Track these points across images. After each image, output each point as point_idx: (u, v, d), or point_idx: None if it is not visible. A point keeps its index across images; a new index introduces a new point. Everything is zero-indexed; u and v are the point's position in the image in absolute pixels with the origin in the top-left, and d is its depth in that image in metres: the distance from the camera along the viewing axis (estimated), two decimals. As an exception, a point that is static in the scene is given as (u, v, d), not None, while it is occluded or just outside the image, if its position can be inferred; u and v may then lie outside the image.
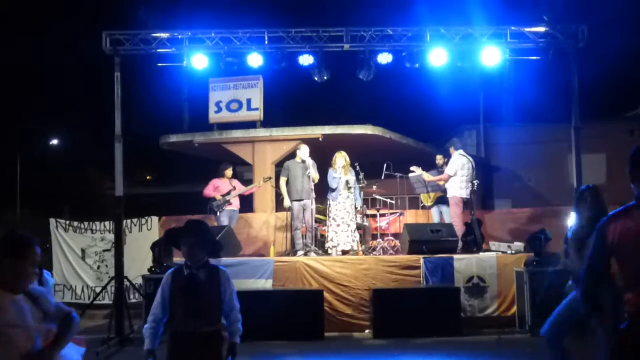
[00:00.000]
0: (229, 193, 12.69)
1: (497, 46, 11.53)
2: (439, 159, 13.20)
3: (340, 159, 12.20)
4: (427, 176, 12.75)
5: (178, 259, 11.14)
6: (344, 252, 11.86)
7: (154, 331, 4.67)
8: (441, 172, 12.67)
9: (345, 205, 12.03)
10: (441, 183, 12.49)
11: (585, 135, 11.66)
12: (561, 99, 13.46)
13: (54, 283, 13.35)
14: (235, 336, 4.67)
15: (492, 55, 11.57)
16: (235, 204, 12.98)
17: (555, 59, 11.69)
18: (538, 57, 11.84)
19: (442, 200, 12.73)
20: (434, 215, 12.99)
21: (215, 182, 12.91)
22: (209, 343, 4.59)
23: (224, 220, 12.45)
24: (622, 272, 3.59)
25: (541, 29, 11.48)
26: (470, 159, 12.59)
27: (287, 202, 12.32)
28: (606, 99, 20.43)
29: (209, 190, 12.81)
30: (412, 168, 12.95)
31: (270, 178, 13.61)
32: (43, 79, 29.26)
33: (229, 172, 13.06)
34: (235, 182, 13.12)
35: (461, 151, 12.64)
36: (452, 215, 12.22)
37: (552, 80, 16.51)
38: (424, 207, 13.88)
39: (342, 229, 11.96)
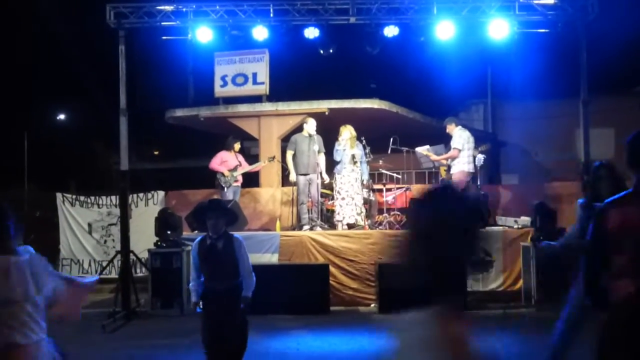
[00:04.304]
0: (235, 168, 12.58)
1: (505, 19, 11.40)
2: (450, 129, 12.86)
3: (346, 132, 12.12)
4: (435, 157, 12.60)
5: (187, 233, 11.20)
6: (349, 226, 11.84)
7: (196, 288, 5.89)
8: (448, 148, 12.57)
9: (349, 178, 11.95)
10: (448, 161, 12.35)
11: (593, 109, 11.56)
12: (570, 73, 13.31)
13: (62, 257, 13.44)
14: (248, 290, 5.81)
15: (500, 28, 11.45)
16: (240, 179, 12.89)
17: (564, 32, 11.56)
18: (547, 30, 11.70)
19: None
20: None
21: (222, 155, 12.73)
22: (228, 296, 5.71)
23: (229, 196, 12.38)
24: (620, 260, 3.48)
25: (550, 1, 11.33)
26: (470, 132, 12.50)
27: (293, 177, 12.27)
28: (615, 73, 20.15)
29: (215, 164, 12.63)
30: (417, 149, 12.83)
31: (274, 157, 13.53)
32: (48, 53, 29.16)
33: (237, 146, 12.91)
34: (240, 158, 13.01)
35: (460, 126, 12.53)
36: (454, 189, 12.12)
37: (560, 54, 16.30)
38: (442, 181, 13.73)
39: (346, 202, 11.92)
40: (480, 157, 11.87)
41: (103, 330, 9.19)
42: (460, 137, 12.18)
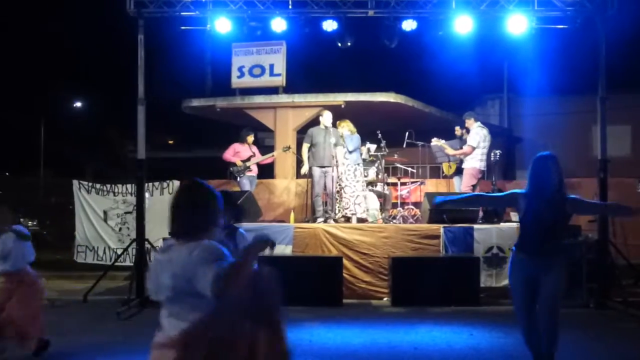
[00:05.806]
0: (249, 159, 12.70)
1: (524, 14, 11.34)
2: (458, 130, 13.12)
3: (339, 127, 12.25)
4: (450, 150, 12.65)
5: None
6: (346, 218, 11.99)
7: None
8: (462, 143, 12.58)
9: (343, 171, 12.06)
10: (462, 157, 12.38)
11: (610, 106, 11.47)
12: (586, 69, 13.23)
13: (78, 244, 13.53)
14: None
15: (518, 24, 11.39)
16: (254, 169, 13.02)
17: (582, 28, 11.48)
18: (565, 26, 11.64)
19: (462, 170, 12.67)
20: (456, 185, 12.92)
21: (236, 146, 12.92)
22: None
23: (245, 185, 12.51)
24: None
25: (570, -4, 11.25)
26: (487, 130, 12.51)
27: (304, 169, 12.28)
28: (632, 69, 20.03)
29: (229, 155, 12.82)
30: (433, 140, 12.86)
31: (289, 148, 13.56)
32: (67, 41, 29.31)
33: (250, 138, 13.06)
34: (255, 149, 13.12)
35: (479, 123, 12.52)
36: (464, 185, 12.17)
37: (578, 50, 16.21)
38: (445, 177, 13.83)
39: (341, 194, 12.03)
40: (497, 152, 11.87)
41: (118, 317, 9.28)
42: (477, 134, 12.18)
